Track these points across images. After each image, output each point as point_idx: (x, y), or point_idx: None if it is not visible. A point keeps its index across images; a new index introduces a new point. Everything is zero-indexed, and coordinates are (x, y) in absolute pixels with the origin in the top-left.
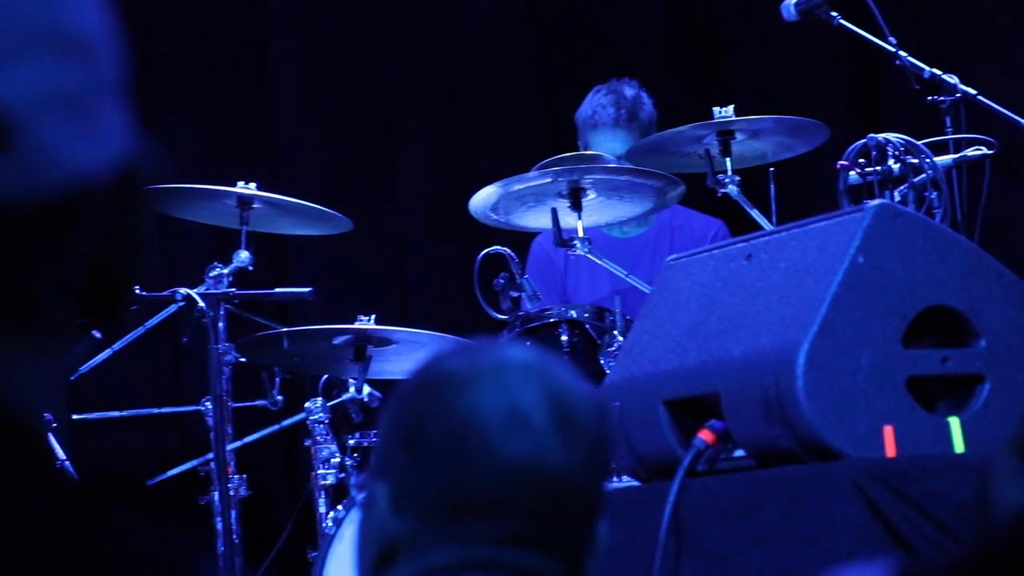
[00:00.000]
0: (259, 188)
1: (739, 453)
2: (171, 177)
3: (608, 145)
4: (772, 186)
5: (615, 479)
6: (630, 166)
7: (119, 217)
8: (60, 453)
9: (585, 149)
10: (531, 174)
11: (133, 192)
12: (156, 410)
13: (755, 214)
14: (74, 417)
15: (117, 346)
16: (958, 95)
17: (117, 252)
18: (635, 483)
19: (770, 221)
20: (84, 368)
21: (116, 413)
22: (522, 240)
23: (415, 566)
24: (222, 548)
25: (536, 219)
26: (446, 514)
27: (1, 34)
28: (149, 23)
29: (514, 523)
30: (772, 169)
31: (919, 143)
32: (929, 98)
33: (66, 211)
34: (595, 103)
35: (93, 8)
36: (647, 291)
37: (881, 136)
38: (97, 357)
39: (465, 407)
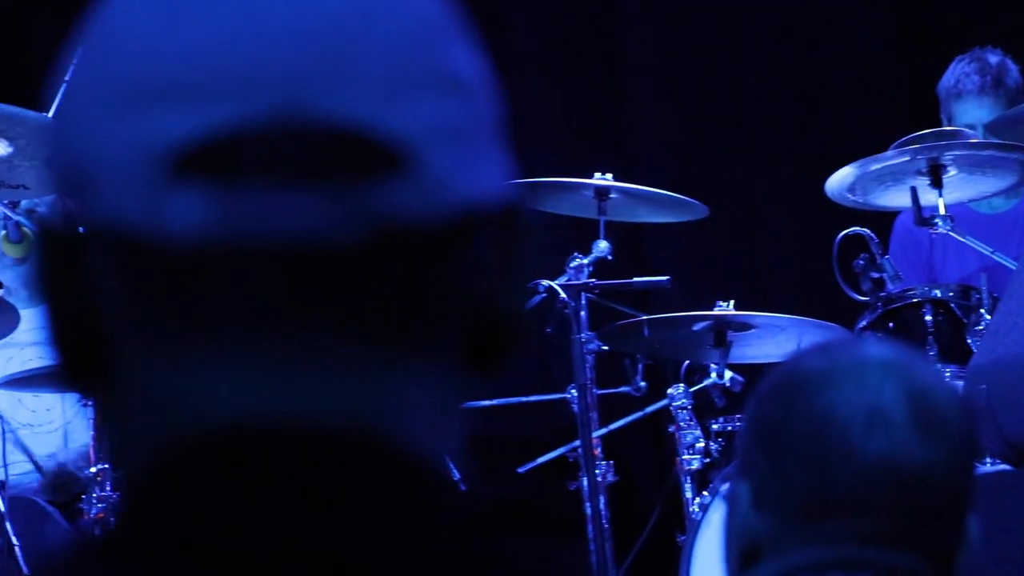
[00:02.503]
0: (615, 179)
1: None
2: (532, 173)
3: (974, 114)
4: None
5: (986, 463)
6: (993, 140)
7: (504, 251)
8: None
9: (949, 121)
10: (889, 153)
11: (516, 227)
12: (525, 399)
13: None
14: None
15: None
16: None
17: (502, 288)
18: (1006, 467)
19: None
20: None
21: (487, 403)
22: (881, 220)
23: (779, 565)
24: (592, 533)
25: (895, 198)
26: (808, 513)
27: (397, 71)
28: (505, 21)
29: (877, 522)
30: None
31: None
32: None
33: (456, 237)
34: (958, 72)
35: (471, 55)
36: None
37: None
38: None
39: (824, 407)
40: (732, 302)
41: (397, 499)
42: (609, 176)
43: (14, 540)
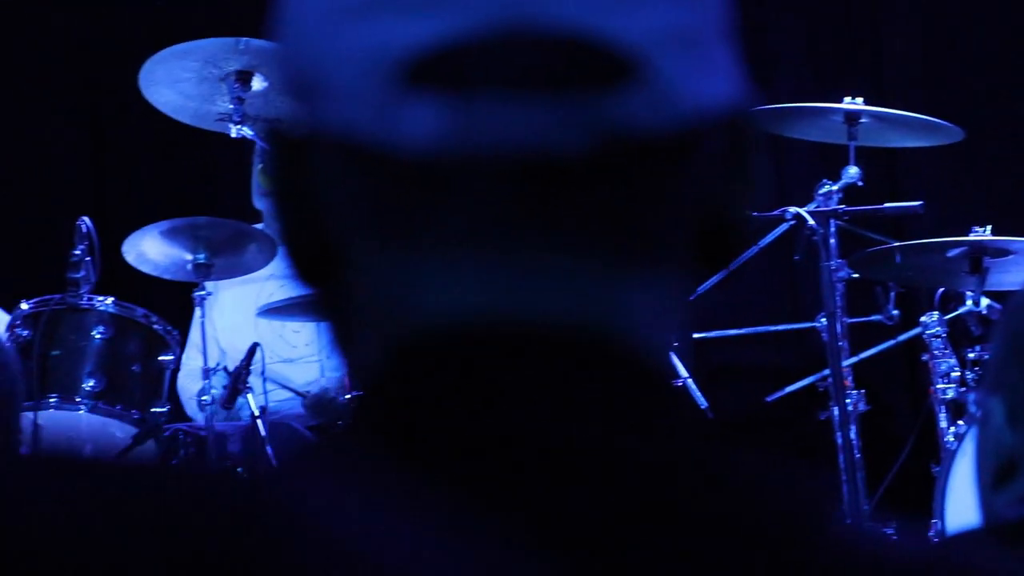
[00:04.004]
0: (866, 103)
1: None
2: (780, 98)
3: None
4: None
5: None
6: None
7: (732, 156)
8: (682, 371)
9: None
10: None
11: (744, 133)
12: (773, 328)
13: None
14: (695, 336)
15: (733, 265)
16: None
17: (730, 192)
18: None
19: None
20: (702, 288)
21: (735, 331)
22: None
23: None
24: (843, 463)
25: None
26: None
27: None
28: None
29: None
30: None
31: None
32: None
33: (686, 144)
34: None
35: None
36: None
37: None
38: (714, 277)
39: None
40: (989, 227)
41: (624, 399)
42: (859, 100)
43: (274, 464)
